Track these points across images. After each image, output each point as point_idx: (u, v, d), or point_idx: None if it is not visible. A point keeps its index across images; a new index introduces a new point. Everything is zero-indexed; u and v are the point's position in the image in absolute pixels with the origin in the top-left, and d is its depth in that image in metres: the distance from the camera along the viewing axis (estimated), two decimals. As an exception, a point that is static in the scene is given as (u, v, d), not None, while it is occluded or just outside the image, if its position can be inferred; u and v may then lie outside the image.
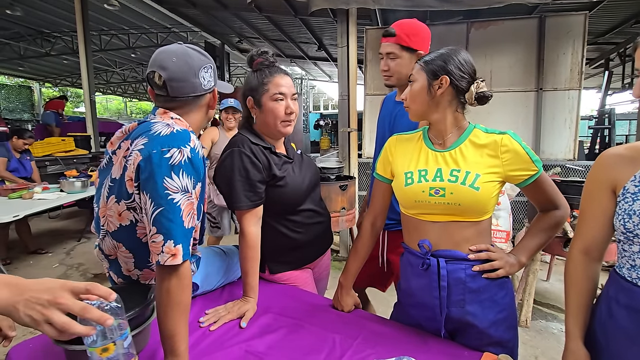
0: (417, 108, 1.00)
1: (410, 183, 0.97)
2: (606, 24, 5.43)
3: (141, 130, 0.91)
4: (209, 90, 1.00)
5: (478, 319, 0.94)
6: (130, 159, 0.86)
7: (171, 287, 0.81)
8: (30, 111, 16.14)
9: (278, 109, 1.18)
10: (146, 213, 0.83)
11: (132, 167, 0.85)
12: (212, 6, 5.81)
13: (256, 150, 1.18)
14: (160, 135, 0.85)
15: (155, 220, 0.81)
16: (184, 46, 0.97)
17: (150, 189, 0.81)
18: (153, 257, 0.82)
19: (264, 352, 0.93)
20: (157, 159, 0.81)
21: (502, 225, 2.71)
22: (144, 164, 0.83)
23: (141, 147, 0.85)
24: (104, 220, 0.95)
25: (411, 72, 1.01)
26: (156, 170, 0.81)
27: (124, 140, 0.94)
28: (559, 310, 2.66)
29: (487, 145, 0.94)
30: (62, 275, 3.37)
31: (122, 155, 0.91)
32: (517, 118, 4.11)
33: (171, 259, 0.80)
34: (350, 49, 3.85)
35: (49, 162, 5.02)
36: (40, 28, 8.50)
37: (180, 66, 0.92)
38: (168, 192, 0.81)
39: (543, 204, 1.00)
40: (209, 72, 0.98)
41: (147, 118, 0.97)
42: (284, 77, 1.19)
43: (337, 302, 1.15)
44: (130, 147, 0.89)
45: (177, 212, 0.81)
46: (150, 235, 0.82)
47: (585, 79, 4.10)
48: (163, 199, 0.80)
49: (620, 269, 0.80)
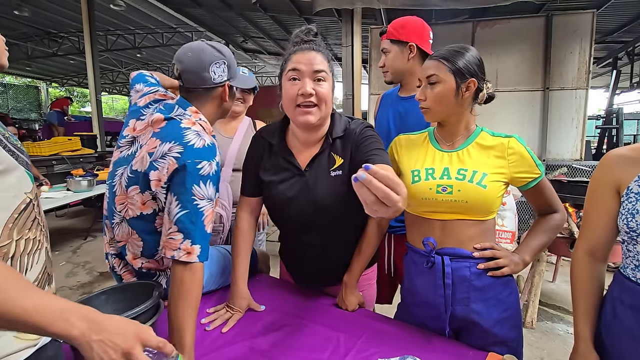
0: (440, 110, 0.96)
1: (417, 181, 0.98)
2: (614, 22, 5.37)
3: (171, 132, 0.95)
4: (219, 84, 1.05)
5: (483, 317, 0.94)
6: (164, 163, 0.92)
7: (185, 279, 0.86)
8: (38, 111, 16.32)
9: (291, 90, 0.96)
10: (169, 212, 0.89)
11: (165, 171, 0.91)
12: (217, 6, 5.83)
13: (259, 140, 1.12)
14: (194, 147, 0.92)
15: (179, 221, 0.88)
16: (203, 43, 1.05)
17: (179, 192, 0.89)
18: (167, 252, 0.87)
19: (268, 350, 0.93)
20: (191, 168, 0.89)
21: (507, 226, 2.69)
22: (179, 171, 0.90)
23: (177, 155, 0.91)
24: (123, 207, 1.00)
25: (433, 71, 0.95)
26: (188, 178, 0.89)
27: (152, 137, 0.97)
28: (565, 311, 2.63)
29: (494, 147, 0.95)
30: (68, 273, 3.41)
31: (146, 151, 0.95)
32: (523, 118, 4.08)
33: (186, 256, 0.86)
34: (354, 48, 3.85)
35: (56, 162, 5.07)
36: (47, 28, 8.59)
37: (193, 60, 1.01)
38: (194, 197, 0.89)
39: (542, 208, 1.02)
40: (221, 67, 1.04)
41: (174, 111, 1.01)
42: (306, 52, 0.96)
43: (341, 301, 1.15)
44: (160, 147, 0.93)
45: (200, 216, 0.89)
46: (168, 231, 0.88)
47: (592, 78, 4.06)
48: (190, 203, 0.88)
49: (624, 269, 0.80)
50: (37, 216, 0.68)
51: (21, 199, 0.64)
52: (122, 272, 1.11)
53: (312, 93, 0.94)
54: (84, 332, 0.52)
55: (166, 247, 0.88)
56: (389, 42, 1.40)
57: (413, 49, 1.37)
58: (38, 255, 0.67)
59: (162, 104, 1.05)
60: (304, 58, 0.95)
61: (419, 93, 0.99)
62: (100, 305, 0.99)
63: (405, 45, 1.37)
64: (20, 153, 0.66)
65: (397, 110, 1.46)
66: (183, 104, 1.02)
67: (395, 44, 1.39)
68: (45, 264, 0.70)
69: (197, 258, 0.87)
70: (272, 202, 1.10)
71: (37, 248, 0.67)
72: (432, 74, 0.95)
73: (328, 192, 1.01)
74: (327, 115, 1.02)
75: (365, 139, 1.01)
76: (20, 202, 0.63)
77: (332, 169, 1.03)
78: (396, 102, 1.49)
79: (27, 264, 0.64)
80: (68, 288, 3.09)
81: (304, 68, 0.95)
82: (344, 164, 1.02)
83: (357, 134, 1.03)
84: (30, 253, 0.65)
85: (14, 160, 0.63)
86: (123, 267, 1.10)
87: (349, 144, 1.03)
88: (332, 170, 1.03)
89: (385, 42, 1.41)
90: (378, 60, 1.53)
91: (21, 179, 0.64)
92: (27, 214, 0.65)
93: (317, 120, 0.97)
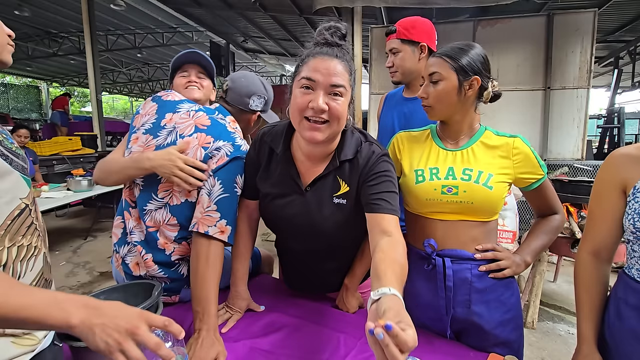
0: (442, 108, 0.95)
1: (421, 181, 0.96)
2: (616, 21, 5.35)
3: (223, 133, 1.09)
4: (251, 111, 1.27)
5: (484, 319, 0.93)
6: (217, 155, 1.04)
7: (211, 252, 0.96)
8: (38, 111, 16.35)
9: (301, 100, 0.83)
10: (210, 193, 1.00)
11: (216, 161, 1.04)
12: (217, 5, 5.83)
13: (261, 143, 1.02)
14: (240, 147, 1.08)
15: (220, 201, 1.00)
16: (257, 76, 1.29)
17: (225, 178, 1.02)
18: (201, 227, 0.97)
19: (269, 351, 0.92)
20: (237, 162, 1.05)
21: (508, 226, 2.69)
22: (229, 162, 1.04)
23: (229, 152, 1.05)
24: (167, 194, 1.08)
25: (436, 69, 0.93)
26: (234, 169, 1.04)
27: (201, 133, 1.08)
28: (566, 311, 2.62)
29: (499, 146, 0.94)
30: (68, 273, 3.41)
31: (200, 145, 1.05)
32: (524, 117, 4.07)
33: (219, 234, 0.98)
34: (355, 47, 3.84)
35: (56, 161, 5.07)
36: (47, 28, 8.60)
37: (242, 85, 1.24)
38: (235, 185, 1.03)
39: (543, 209, 1.02)
40: (260, 100, 1.27)
41: (215, 114, 1.15)
42: (326, 59, 0.82)
43: (341, 303, 1.13)
44: (214, 143, 1.05)
45: (236, 201, 1.04)
46: (206, 209, 0.99)
47: (594, 77, 4.04)
48: (232, 189, 1.02)
49: (629, 270, 0.79)
50: (33, 221, 0.66)
51: (15, 204, 0.62)
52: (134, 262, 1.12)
53: (325, 109, 0.82)
54: (83, 319, 0.50)
55: (201, 222, 0.97)
56: (399, 42, 1.37)
57: (424, 50, 1.36)
58: (33, 261, 0.66)
59: (197, 105, 1.18)
60: (323, 66, 0.82)
61: (421, 91, 0.98)
62: (100, 306, 0.99)
63: (416, 45, 1.35)
64: (15, 157, 0.64)
65: (402, 111, 1.45)
66: (223, 112, 1.18)
67: (406, 43, 1.36)
68: (42, 269, 0.68)
69: (227, 238, 0.98)
70: (268, 214, 1.04)
71: (33, 254, 0.66)
72: (434, 72, 0.93)
73: (328, 218, 0.94)
74: (337, 132, 0.89)
75: (377, 176, 0.89)
76: (15, 207, 0.62)
77: (335, 194, 0.94)
78: (401, 102, 1.47)
79: (20, 271, 0.63)
80: (68, 288, 3.09)
81: (321, 79, 0.81)
82: (349, 192, 0.93)
83: (369, 166, 0.91)
84: (24, 260, 0.63)
85: (8, 165, 0.61)
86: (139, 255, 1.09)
87: (358, 173, 0.92)
88: (335, 197, 0.94)
89: (394, 41, 1.38)
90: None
91: (16, 183, 0.63)
92: (21, 220, 0.63)
93: (325, 138, 0.85)
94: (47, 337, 0.68)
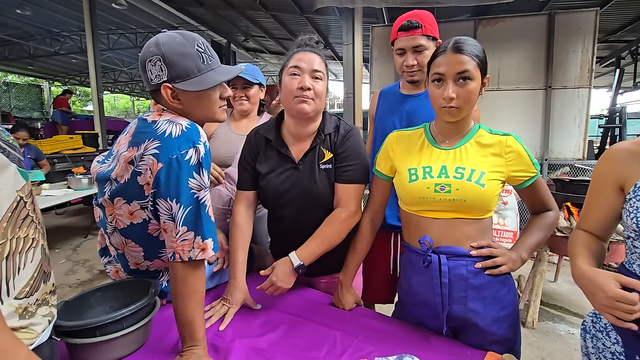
0: (468, 109, 0.92)
1: (414, 180, 0.96)
2: (618, 20, 5.33)
3: (142, 132, 0.87)
4: (155, 86, 0.88)
5: (480, 316, 0.93)
6: (143, 164, 0.84)
7: (188, 277, 0.84)
8: (40, 109, 16.39)
9: (290, 83, 1.06)
10: (173, 217, 0.83)
11: (149, 172, 0.83)
12: (219, 5, 5.83)
13: (256, 137, 1.20)
14: (172, 136, 0.82)
15: (186, 220, 0.83)
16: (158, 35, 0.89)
17: (176, 194, 0.82)
18: (184, 255, 0.83)
19: (266, 349, 0.92)
20: (177, 165, 0.81)
21: (509, 225, 2.68)
22: (165, 170, 0.81)
23: (155, 151, 0.82)
24: (112, 218, 0.96)
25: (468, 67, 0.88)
26: (181, 175, 0.81)
27: (128, 147, 0.90)
28: (567, 311, 2.62)
29: (492, 145, 0.94)
30: (68, 271, 3.41)
31: (125, 162, 0.88)
32: (525, 117, 4.05)
33: (201, 253, 0.83)
34: (355, 46, 3.84)
35: (57, 160, 5.09)
36: (49, 27, 8.61)
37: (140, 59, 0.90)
38: (194, 191, 0.83)
39: (537, 207, 1.01)
40: (157, 65, 0.86)
41: (147, 115, 0.92)
42: (308, 53, 1.08)
43: (337, 300, 1.13)
44: (137, 152, 0.85)
45: (204, 208, 0.85)
46: (178, 236, 0.83)
47: (595, 77, 4.02)
48: (190, 198, 0.83)
49: (630, 265, 0.79)
50: (29, 214, 0.67)
51: (13, 197, 0.63)
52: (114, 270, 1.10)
53: (310, 87, 1.06)
54: None
55: (179, 251, 0.83)
56: (426, 39, 1.27)
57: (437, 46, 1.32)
58: (32, 253, 0.66)
59: None
60: (306, 57, 1.07)
61: (450, 91, 0.88)
62: (96, 302, 0.99)
63: (436, 42, 1.30)
64: (11, 149, 0.65)
65: (404, 110, 1.38)
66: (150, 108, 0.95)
67: (431, 40, 1.28)
68: (41, 261, 0.69)
69: (212, 252, 0.85)
70: (267, 193, 1.17)
71: (31, 246, 0.66)
72: (465, 69, 0.87)
73: (319, 183, 1.12)
74: (320, 109, 1.11)
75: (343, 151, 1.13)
76: (13, 200, 0.62)
77: (321, 162, 1.14)
78: (400, 100, 1.40)
79: (20, 263, 0.63)
80: (67, 286, 3.09)
81: (305, 66, 1.06)
82: (332, 158, 1.14)
83: (339, 139, 1.14)
84: (23, 252, 0.64)
85: (5, 157, 0.62)
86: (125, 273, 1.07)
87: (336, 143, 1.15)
88: (321, 164, 1.14)
89: (421, 38, 1.26)
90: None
91: (13, 176, 0.63)
92: (17, 212, 0.64)
93: (311, 110, 1.07)
94: (45, 331, 0.68)
